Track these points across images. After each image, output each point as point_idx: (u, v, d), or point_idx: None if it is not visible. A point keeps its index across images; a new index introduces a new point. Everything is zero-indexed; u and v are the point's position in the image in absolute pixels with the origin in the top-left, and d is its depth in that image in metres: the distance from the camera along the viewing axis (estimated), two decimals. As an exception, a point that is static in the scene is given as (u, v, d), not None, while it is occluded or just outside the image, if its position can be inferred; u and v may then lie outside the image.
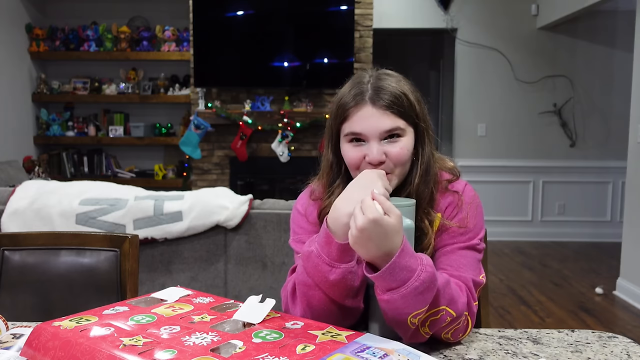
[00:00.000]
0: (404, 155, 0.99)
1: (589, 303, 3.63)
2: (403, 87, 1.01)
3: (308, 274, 0.94)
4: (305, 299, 0.95)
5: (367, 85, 1.00)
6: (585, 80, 5.35)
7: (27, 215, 2.41)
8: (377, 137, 0.98)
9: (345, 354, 0.75)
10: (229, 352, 0.74)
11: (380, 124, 0.98)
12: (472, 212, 1.05)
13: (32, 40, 5.07)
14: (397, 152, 0.98)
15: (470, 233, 1.04)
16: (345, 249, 0.89)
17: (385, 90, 0.99)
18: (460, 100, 5.43)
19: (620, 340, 0.98)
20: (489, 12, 5.31)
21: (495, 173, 5.42)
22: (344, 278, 0.91)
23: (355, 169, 1.02)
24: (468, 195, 1.07)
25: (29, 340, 0.81)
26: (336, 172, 1.08)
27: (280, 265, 2.50)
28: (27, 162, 4.86)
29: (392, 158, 0.99)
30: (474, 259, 1.03)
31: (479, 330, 1.03)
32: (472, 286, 0.99)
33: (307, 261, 0.94)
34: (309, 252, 0.93)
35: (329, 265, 0.90)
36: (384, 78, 1.02)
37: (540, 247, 5.21)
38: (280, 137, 4.65)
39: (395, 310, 0.87)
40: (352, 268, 0.91)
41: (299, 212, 1.13)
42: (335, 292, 0.92)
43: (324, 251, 0.91)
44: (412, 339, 0.92)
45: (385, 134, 0.98)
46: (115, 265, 1.35)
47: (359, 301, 0.96)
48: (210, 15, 4.67)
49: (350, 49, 4.64)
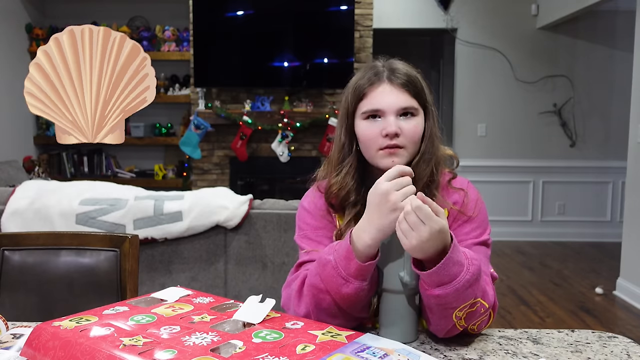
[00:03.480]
0: (417, 132, 1.03)
1: (589, 303, 3.63)
2: (415, 71, 1.07)
3: (322, 280, 0.94)
4: (314, 301, 0.96)
5: (383, 68, 1.06)
6: (585, 80, 5.35)
7: (27, 215, 2.41)
8: (394, 112, 1.02)
9: (345, 353, 0.75)
10: (229, 352, 0.74)
11: (398, 100, 1.02)
12: (480, 208, 1.08)
13: (32, 40, 5.07)
14: (411, 129, 1.02)
15: (479, 229, 1.06)
16: (363, 269, 0.90)
17: (401, 71, 1.05)
18: (460, 100, 5.43)
19: (620, 340, 0.98)
20: (489, 12, 5.31)
21: (495, 173, 5.42)
22: (356, 294, 0.92)
23: (371, 146, 1.04)
24: (473, 192, 1.10)
25: (29, 340, 0.81)
26: (347, 151, 1.09)
27: (281, 265, 2.50)
28: (27, 162, 4.86)
29: (407, 134, 1.02)
30: (486, 254, 1.06)
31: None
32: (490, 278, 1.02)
33: (322, 269, 0.94)
34: (326, 260, 0.94)
35: (344, 280, 0.91)
36: (396, 62, 1.08)
37: (540, 247, 5.21)
38: (280, 137, 4.65)
39: (444, 305, 0.89)
40: (365, 286, 0.92)
41: (304, 208, 1.13)
42: (345, 303, 0.94)
43: (341, 265, 0.91)
44: (448, 333, 0.93)
45: (401, 110, 1.02)
46: (115, 265, 1.35)
47: (365, 312, 0.98)
48: (210, 15, 4.67)
49: (350, 49, 4.64)
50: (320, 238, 1.09)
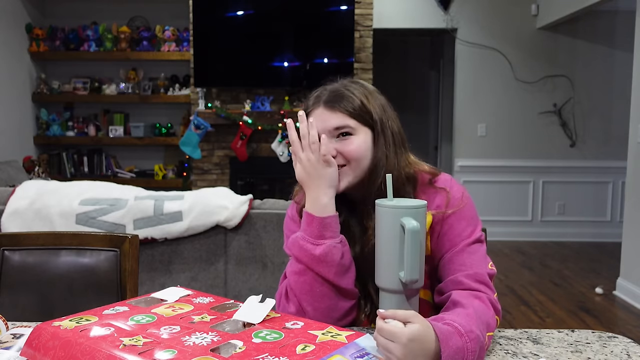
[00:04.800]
0: (354, 151, 1.04)
1: (589, 303, 3.63)
2: (363, 92, 1.08)
3: (297, 259, 1.02)
4: (297, 287, 1.01)
5: (326, 91, 1.10)
6: (585, 80, 5.36)
7: (27, 215, 2.41)
8: (328, 133, 1.05)
9: (345, 356, 0.75)
10: (229, 352, 0.74)
11: (330, 122, 1.05)
12: (466, 204, 1.07)
13: (32, 40, 5.07)
14: (347, 149, 1.04)
15: (470, 227, 1.05)
16: (326, 224, 1.00)
17: (339, 92, 1.07)
18: (460, 100, 5.43)
19: (620, 340, 0.98)
20: (489, 12, 5.31)
21: (495, 173, 5.42)
22: (329, 252, 0.99)
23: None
24: (457, 190, 1.08)
25: (29, 340, 0.81)
26: None
27: (280, 265, 2.50)
28: (27, 162, 4.86)
29: (343, 154, 1.04)
30: (481, 251, 1.05)
31: (479, 330, 1.03)
32: (489, 280, 1.01)
33: (293, 246, 1.02)
34: (294, 238, 1.03)
35: (313, 244, 0.99)
36: (346, 84, 1.10)
37: (540, 247, 5.21)
38: (280, 137, 4.65)
39: None
40: (336, 243, 0.99)
41: (290, 217, 1.17)
42: (324, 269, 0.99)
43: (306, 232, 1.01)
44: None
45: (334, 131, 1.05)
46: (115, 265, 1.35)
47: (350, 281, 1.01)
48: (210, 15, 4.67)
49: (350, 49, 4.64)
50: None
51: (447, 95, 6.02)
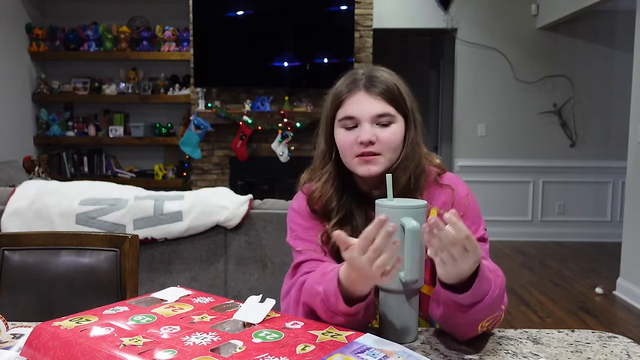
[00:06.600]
0: (393, 140, 1.03)
1: (589, 303, 3.63)
2: (395, 79, 1.07)
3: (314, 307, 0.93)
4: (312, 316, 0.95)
5: (361, 76, 1.06)
6: (585, 80, 5.35)
7: (27, 215, 2.41)
8: (369, 119, 1.03)
9: (345, 354, 0.75)
10: (229, 352, 0.74)
11: (372, 108, 1.03)
12: (471, 203, 1.07)
13: (32, 40, 5.07)
14: (387, 137, 1.03)
15: (474, 225, 1.06)
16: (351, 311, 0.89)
17: (378, 79, 1.05)
18: (460, 100, 5.43)
19: (620, 340, 0.98)
20: (489, 12, 5.31)
21: (495, 173, 5.42)
22: (349, 323, 0.90)
23: (348, 153, 1.05)
24: (462, 188, 1.09)
25: (29, 340, 0.81)
26: (327, 159, 1.11)
27: (280, 265, 2.50)
28: (27, 162, 4.86)
29: (382, 141, 1.03)
30: (486, 250, 1.05)
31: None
32: None
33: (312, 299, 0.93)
34: (316, 292, 0.92)
35: (334, 313, 0.90)
36: (377, 70, 1.08)
37: (540, 247, 5.21)
38: (280, 137, 4.65)
39: (473, 319, 0.88)
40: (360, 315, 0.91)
41: (294, 210, 1.15)
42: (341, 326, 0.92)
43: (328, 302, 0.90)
44: (469, 337, 0.94)
45: (376, 118, 1.03)
46: (115, 265, 1.35)
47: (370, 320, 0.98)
48: (210, 15, 4.67)
49: (350, 49, 4.64)
50: (311, 237, 1.11)
51: (447, 95, 6.02)
